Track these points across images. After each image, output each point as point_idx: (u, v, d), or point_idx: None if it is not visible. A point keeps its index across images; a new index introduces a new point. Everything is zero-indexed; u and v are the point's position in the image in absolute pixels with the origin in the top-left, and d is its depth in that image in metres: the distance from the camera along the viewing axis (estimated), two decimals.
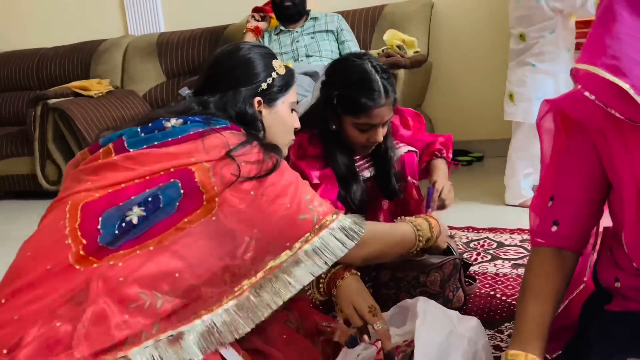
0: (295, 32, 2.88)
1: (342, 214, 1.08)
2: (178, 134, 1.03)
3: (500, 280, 1.64)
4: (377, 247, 1.15)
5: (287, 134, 1.21)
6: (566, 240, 0.99)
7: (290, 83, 1.19)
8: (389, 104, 1.44)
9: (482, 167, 3.26)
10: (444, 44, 3.32)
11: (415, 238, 1.24)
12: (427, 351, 1.04)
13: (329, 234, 1.04)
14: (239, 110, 1.11)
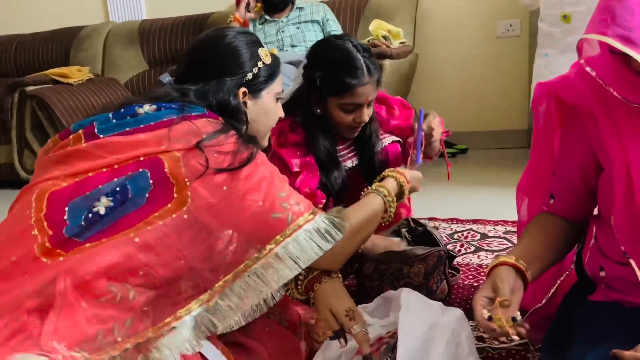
0: (281, 21, 2.85)
1: (320, 214, 1.01)
2: (151, 121, 0.98)
3: (484, 271, 1.64)
4: (355, 243, 1.10)
5: (269, 125, 1.18)
6: (563, 212, 1.04)
7: (276, 73, 1.16)
8: (372, 82, 1.42)
9: (466, 159, 3.27)
10: (429, 35, 3.32)
11: (387, 209, 1.18)
12: (411, 342, 1.03)
13: (303, 236, 0.97)
14: (222, 100, 1.06)
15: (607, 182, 0.92)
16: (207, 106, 1.04)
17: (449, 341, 1.08)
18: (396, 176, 1.23)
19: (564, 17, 2.01)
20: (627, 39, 0.77)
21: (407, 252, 1.44)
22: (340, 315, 1.07)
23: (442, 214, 2.15)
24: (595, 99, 0.83)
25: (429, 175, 2.86)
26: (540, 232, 1.04)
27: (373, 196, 1.17)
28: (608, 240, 0.94)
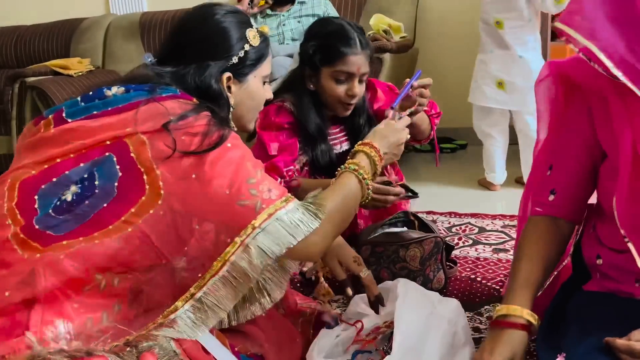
0: (282, 15, 2.85)
1: (294, 201, 0.94)
2: (119, 103, 0.94)
3: (481, 264, 1.64)
4: (335, 228, 1.00)
5: (255, 108, 1.13)
6: (562, 209, 1.01)
7: (264, 55, 1.09)
8: (364, 56, 1.49)
9: (465, 155, 3.27)
10: (430, 29, 3.31)
11: (362, 189, 1.08)
12: (408, 331, 1.04)
13: (274, 225, 0.89)
14: (202, 84, 1.00)
15: (608, 168, 0.92)
16: (185, 89, 0.99)
17: (446, 331, 1.09)
18: (367, 151, 1.13)
19: (497, 23, 2.28)
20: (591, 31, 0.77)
21: (403, 234, 1.46)
22: (349, 262, 1.10)
23: (441, 208, 2.16)
24: (609, 78, 0.81)
25: (427, 170, 2.88)
26: (541, 257, 0.97)
27: (347, 175, 1.08)
28: (606, 229, 0.94)
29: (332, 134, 1.61)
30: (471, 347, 1.12)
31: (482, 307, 1.37)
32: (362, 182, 1.07)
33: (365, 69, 1.50)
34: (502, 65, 2.31)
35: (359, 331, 1.15)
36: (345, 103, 1.53)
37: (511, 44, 2.27)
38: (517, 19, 2.24)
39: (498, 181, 2.46)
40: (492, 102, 2.37)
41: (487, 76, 2.35)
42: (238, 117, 1.09)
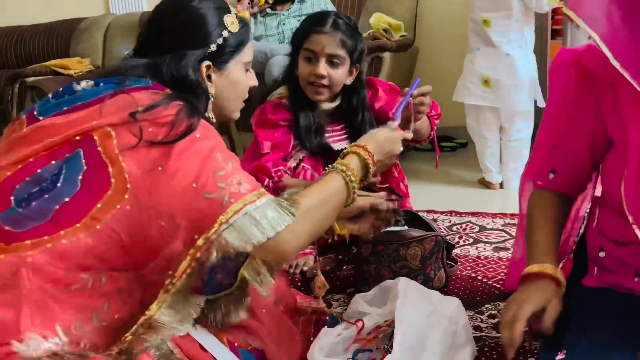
0: (282, 14, 2.84)
1: (267, 196, 0.89)
2: (88, 97, 0.91)
3: (482, 263, 1.64)
4: (311, 229, 0.94)
5: (239, 97, 1.08)
6: (561, 187, 1.04)
7: (245, 40, 1.04)
8: (333, 37, 1.52)
9: (466, 153, 3.27)
10: (430, 28, 3.31)
11: (348, 190, 1.02)
12: (408, 330, 1.04)
13: (242, 221, 0.84)
14: (178, 74, 0.96)
15: (615, 156, 0.92)
16: (160, 80, 0.95)
17: (446, 329, 1.09)
18: (359, 152, 1.07)
19: (484, 22, 2.29)
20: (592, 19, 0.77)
21: (404, 233, 1.46)
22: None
23: (441, 207, 2.16)
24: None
25: (427, 169, 2.88)
26: (553, 222, 1.00)
27: (332, 175, 1.02)
28: (609, 220, 0.95)
29: (331, 131, 1.62)
30: (472, 346, 1.12)
31: (483, 306, 1.37)
32: (349, 183, 1.02)
33: (332, 50, 1.52)
34: (488, 63, 2.32)
35: (359, 330, 1.15)
36: (312, 84, 1.55)
37: (498, 41, 2.28)
38: (505, 17, 2.26)
39: (496, 180, 2.46)
40: (479, 100, 2.37)
41: (472, 74, 2.36)
42: (221, 106, 1.05)
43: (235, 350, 1.01)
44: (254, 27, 2.87)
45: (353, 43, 1.55)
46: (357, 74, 1.61)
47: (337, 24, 1.53)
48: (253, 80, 1.10)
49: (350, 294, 1.48)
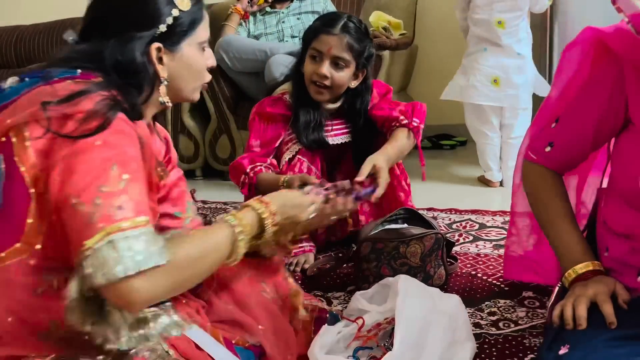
0: (282, 12, 2.84)
1: (144, 228, 0.77)
2: (12, 95, 0.85)
3: (482, 260, 1.65)
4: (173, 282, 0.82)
5: (195, 79, 1.00)
6: (554, 163, 1.05)
7: (198, 19, 0.97)
8: (341, 39, 1.53)
9: (465, 151, 3.27)
10: (430, 27, 3.31)
11: (233, 247, 0.92)
12: (409, 327, 1.05)
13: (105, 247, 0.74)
14: (123, 58, 0.88)
15: (636, 142, 0.91)
16: (100, 67, 0.88)
17: (446, 326, 1.09)
18: (257, 207, 0.98)
19: (498, 23, 2.31)
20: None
21: (404, 231, 1.47)
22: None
23: (441, 205, 2.16)
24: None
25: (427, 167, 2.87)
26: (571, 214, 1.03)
27: (219, 227, 0.92)
28: (614, 211, 0.95)
29: (331, 126, 1.65)
30: (472, 343, 1.13)
31: (483, 303, 1.38)
32: (236, 241, 0.91)
33: (339, 52, 1.53)
34: (497, 62, 2.34)
35: (360, 328, 1.15)
36: (315, 83, 1.56)
37: (510, 42, 2.33)
38: (516, 18, 2.32)
39: (496, 178, 2.47)
40: (487, 100, 2.38)
41: (480, 74, 2.37)
42: (176, 89, 0.98)
43: (232, 347, 1.01)
44: (253, 25, 2.87)
45: (361, 47, 1.55)
46: (363, 78, 1.61)
47: (347, 27, 1.54)
48: (211, 60, 1.03)
49: (350, 291, 1.49)
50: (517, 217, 1.37)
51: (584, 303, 0.88)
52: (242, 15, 2.85)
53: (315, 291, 1.51)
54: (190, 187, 1.53)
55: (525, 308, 1.34)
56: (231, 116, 2.81)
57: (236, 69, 2.68)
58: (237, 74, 2.72)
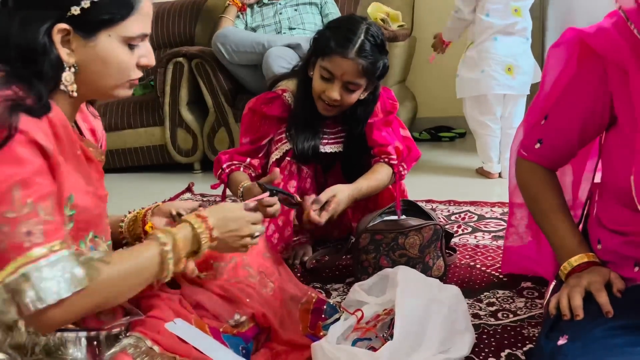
0: (279, 4, 2.83)
1: (59, 253, 0.75)
2: None
3: (481, 251, 1.65)
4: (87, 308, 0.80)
5: (114, 75, 0.87)
6: (544, 160, 1.07)
7: (127, 12, 0.84)
8: (356, 64, 1.42)
9: (464, 143, 3.27)
10: (428, 18, 3.30)
11: (162, 267, 0.88)
12: (408, 317, 1.05)
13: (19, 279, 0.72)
14: (27, 40, 0.79)
15: (620, 140, 0.92)
16: (5, 54, 0.80)
17: (446, 317, 1.09)
18: (194, 222, 0.93)
19: (515, 11, 2.33)
20: None
21: (402, 222, 1.46)
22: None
23: (440, 196, 2.16)
24: (632, 53, 0.83)
25: (426, 159, 2.87)
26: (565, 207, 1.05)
27: (147, 246, 0.88)
28: (607, 207, 0.95)
29: (327, 133, 1.60)
30: (471, 334, 1.13)
31: (482, 294, 1.38)
32: (165, 261, 0.87)
33: (352, 77, 1.43)
34: (509, 51, 2.35)
35: (359, 320, 1.15)
36: (323, 101, 1.49)
37: (523, 28, 2.36)
38: (527, 6, 2.35)
39: (496, 170, 2.48)
40: (505, 89, 2.36)
41: (494, 63, 2.35)
42: (89, 81, 0.86)
43: (219, 336, 1.01)
44: (250, 17, 2.86)
45: (376, 68, 1.45)
46: (374, 89, 1.54)
47: (363, 49, 1.41)
48: (146, 59, 0.89)
49: (349, 283, 1.49)
50: (516, 207, 1.37)
51: (578, 293, 0.88)
52: (239, 8, 2.84)
53: (314, 283, 1.51)
54: (189, 180, 1.53)
55: (524, 298, 1.34)
56: (229, 109, 2.81)
57: (234, 62, 2.67)
58: (234, 66, 2.71)
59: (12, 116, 0.74)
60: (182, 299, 1.02)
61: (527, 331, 1.20)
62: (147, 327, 0.91)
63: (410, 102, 3.25)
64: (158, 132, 2.98)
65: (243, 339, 1.05)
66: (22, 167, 0.74)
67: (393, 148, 1.56)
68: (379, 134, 1.56)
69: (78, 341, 0.82)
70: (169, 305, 0.98)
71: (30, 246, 0.73)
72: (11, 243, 0.72)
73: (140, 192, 2.67)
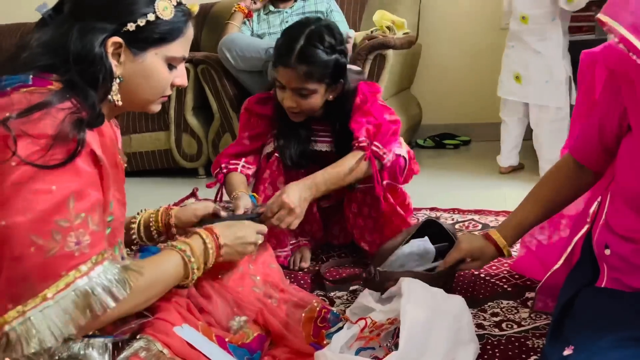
0: (285, 12, 2.84)
1: (102, 265, 0.80)
2: None
3: None
4: (130, 307, 0.87)
5: (154, 90, 0.94)
6: (578, 152, 1.13)
7: (177, 34, 0.91)
8: (299, 72, 1.43)
9: (469, 151, 3.27)
10: (433, 25, 3.30)
11: (188, 271, 0.97)
12: (413, 327, 1.04)
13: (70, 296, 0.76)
14: (83, 49, 0.83)
15: (634, 145, 0.94)
16: (63, 60, 0.83)
17: (450, 327, 1.09)
18: (204, 235, 1.01)
19: (522, 18, 2.41)
20: (636, 27, 0.79)
21: (428, 269, 1.36)
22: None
23: (444, 205, 2.16)
24: (633, 66, 0.86)
25: (430, 166, 2.87)
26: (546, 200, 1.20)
27: (169, 253, 0.96)
28: (617, 213, 0.96)
29: (316, 131, 1.61)
30: (475, 344, 1.12)
31: (486, 304, 1.37)
32: (188, 264, 0.96)
33: (298, 84, 1.44)
34: (520, 59, 2.45)
35: (362, 329, 1.15)
36: (290, 110, 1.51)
37: (532, 39, 2.39)
38: (542, 16, 2.36)
39: (503, 164, 2.63)
40: (509, 95, 2.53)
41: (507, 69, 2.52)
42: (131, 92, 0.91)
43: (225, 345, 1.01)
44: (257, 25, 2.87)
45: (325, 70, 1.44)
46: (342, 87, 1.52)
47: (304, 56, 1.41)
48: (180, 79, 0.97)
49: (352, 291, 1.48)
50: None
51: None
52: (245, 14, 2.85)
53: (318, 291, 1.50)
54: (193, 185, 1.53)
55: (529, 309, 1.33)
56: (234, 115, 2.81)
57: (239, 68, 2.68)
58: (240, 72, 2.71)
59: (80, 131, 0.79)
60: (189, 304, 1.03)
61: (531, 342, 1.19)
62: (156, 329, 0.92)
63: (415, 109, 3.25)
64: (163, 137, 2.99)
65: (248, 350, 1.05)
66: (79, 178, 0.79)
67: (364, 130, 1.49)
68: (357, 124, 1.52)
69: (104, 346, 0.85)
70: (177, 309, 0.98)
71: (79, 255, 0.78)
72: (62, 251, 0.76)
73: (144, 196, 2.67)
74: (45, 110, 0.78)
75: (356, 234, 1.68)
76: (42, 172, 0.76)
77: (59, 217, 0.76)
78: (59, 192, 0.76)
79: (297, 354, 1.11)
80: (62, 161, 0.77)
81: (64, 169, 0.77)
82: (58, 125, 0.77)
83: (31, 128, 0.76)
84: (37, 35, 0.87)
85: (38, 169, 0.75)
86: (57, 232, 0.76)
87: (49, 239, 0.75)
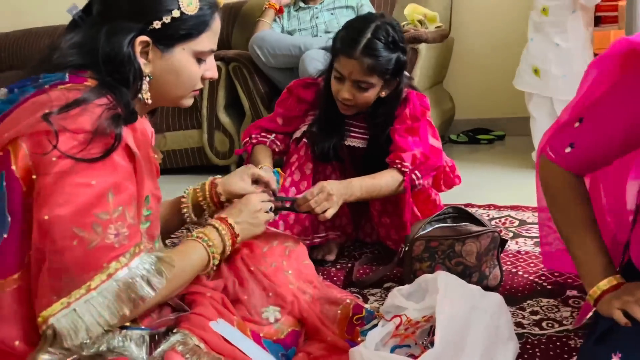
0: (315, 8, 2.83)
1: (139, 257, 0.83)
2: (4, 109, 0.83)
3: (522, 257, 1.60)
4: (162, 296, 0.90)
5: (184, 86, 0.95)
6: (573, 165, 1.01)
7: (203, 28, 0.92)
8: (362, 64, 1.44)
9: (503, 146, 3.20)
10: (466, 19, 3.24)
11: (209, 260, 1.00)
12: (449, 325, 1.02)
13: (112, 286, 0.79)
14: (112, 50, 0.85)
15: None
16: (93, 61, 0.85)
17: (488, 325, 1.06)
18: (219, 227, 1.04)
19: (543, 10, 2.37)
20: None
21: (460, 228, 1.40)
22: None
23: (479, 201, 2.11)
24: None
25: (465, 162, 2.83)
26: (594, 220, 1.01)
27: (193, 244, 0.99)
28: None
29: (353, 128, 1.61)
30: (514, 343, 1.09)
31: (525, 302, 1.33)
32: (210, 255, 0.99)
33: (360, 76, 1.45)
34: (538, 52, 2.40)
35: (397, 326, 1.13)
36: (341, 102, 1.52)
37: (551, 31, 2.34)
38: (562, 7, 2.30)
39: (534, 159, 2.53)
40: (528, 87, 2.48)
41: (525, 62, 2.47)
42: (161, 89, 0.93)
43: (259, 341, 1.01)
44: (287, 21, 2.87)
45: (387, 65, 1.45)
46: (397, 85, 1.53)
47: (370, 48, 1.42)
48: (210, 72, 0.98)
49: (387, 288, 1.46)
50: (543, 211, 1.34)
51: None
52: (277, 11, 2.85)
53: (351, 288, 1.49)
54: None
55: (570, 308, 1.29)
56: (266, 112, 2.82)
57: (270, 65, 2.69)
58: (271, 69, 2.72)
59: (117, 126, 0.81)
60: (224, 299, 1.03)
61: (573, 342, 1.15)
62: (193, 324, 0.93)
63: (448, 103, 3.20)
64: (196, 135, 3.02)
65: (283, 346, 1.05)
66: (116, 172, 0.81)
67: (410, 155, 1.49)
68: (401, 139, 1.52)
69: (142, 339, 0.87)
70: (212, 304, 0.98)
71: (119, 247, 0.80)
72: (102, 243, 0.78)
73: (177, 193, 2.70)
74: (83, 106, 0.80)
75: (382, 232, 1.67)
76: (81, 166, 0.77)
77: (99, 210, 0.78)
78: (98, 186, 0.78)
79: (332, 349, 1.10)
80: (101, 155, 0.78)
81: (102, 163, 0.79)
82: (95, 120, 0.79)
83: (70, 123, 0.78)
84: (68, 36, 0.89)
85: (77, 163, 0.77)
86: (97, 224, 0.78)
87: (90, 231, 0.77)
